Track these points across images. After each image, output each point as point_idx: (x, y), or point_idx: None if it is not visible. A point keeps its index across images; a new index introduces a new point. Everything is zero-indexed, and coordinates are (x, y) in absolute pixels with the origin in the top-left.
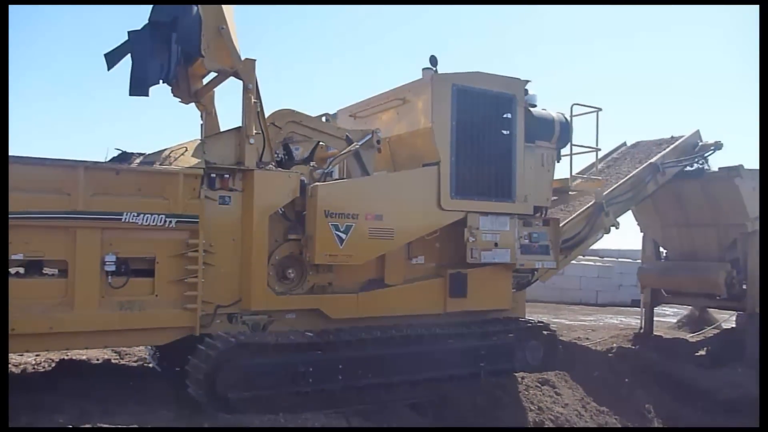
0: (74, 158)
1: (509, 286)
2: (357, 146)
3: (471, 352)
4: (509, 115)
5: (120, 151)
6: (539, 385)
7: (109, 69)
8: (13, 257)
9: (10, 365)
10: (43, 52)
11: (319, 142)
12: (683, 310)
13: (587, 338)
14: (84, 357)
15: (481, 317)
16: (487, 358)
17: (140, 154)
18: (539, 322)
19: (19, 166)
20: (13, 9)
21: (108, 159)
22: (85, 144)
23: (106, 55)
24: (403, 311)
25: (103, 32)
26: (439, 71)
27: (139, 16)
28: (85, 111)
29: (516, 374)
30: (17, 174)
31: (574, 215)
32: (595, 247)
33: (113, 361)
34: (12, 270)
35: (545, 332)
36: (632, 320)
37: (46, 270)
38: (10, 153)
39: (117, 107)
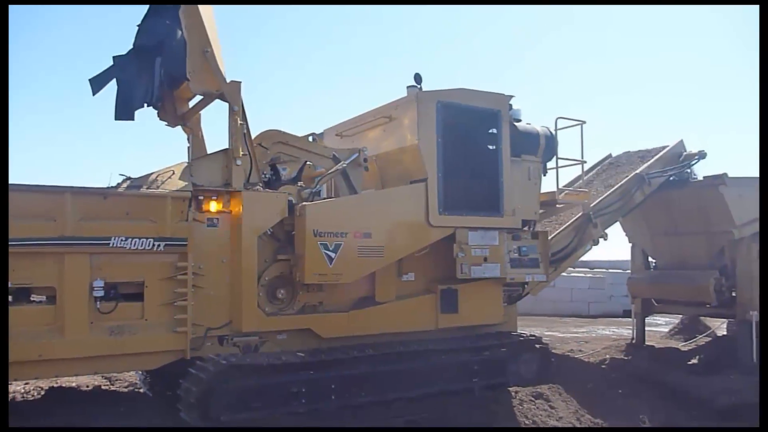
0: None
1: (500, 301)
2: (344, 165)
3: (464, 367)
4: (495, 130)
5: (124, 177)
6: (533, 398)
7: (94, 94)
8: None
9: None
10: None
11: (306, 161)
12: (675, 319)
13: (580, 350)
14: (74, 384)
15: (473, 332)
16: (480, 374)
17: (128, 178)
18: (531, 335)
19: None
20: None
21: (113, 185)
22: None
23: (90, 80)
24: (395, 328)
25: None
26: (424, 88)
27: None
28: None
29: (510, 388)
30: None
31: (562, 228)
32: (585, 258)
33: (103, 387)
34: None
35: (538, 345)
36: (624, 331)
37: (33, 297)
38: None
39: (104, 132)
